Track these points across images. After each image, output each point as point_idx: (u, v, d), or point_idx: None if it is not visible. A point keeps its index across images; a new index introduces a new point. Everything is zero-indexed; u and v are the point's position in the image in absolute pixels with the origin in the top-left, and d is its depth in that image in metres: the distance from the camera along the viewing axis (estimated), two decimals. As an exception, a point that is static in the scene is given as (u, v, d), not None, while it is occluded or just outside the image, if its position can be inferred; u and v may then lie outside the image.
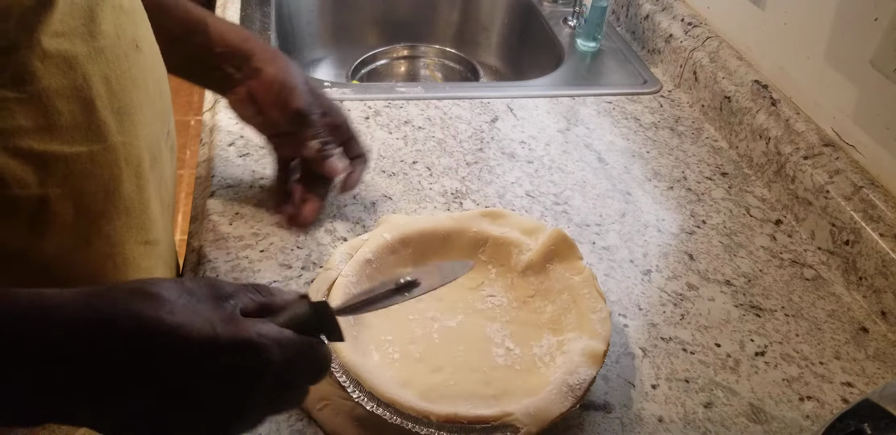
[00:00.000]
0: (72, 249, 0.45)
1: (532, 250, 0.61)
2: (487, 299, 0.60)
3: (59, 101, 0.40)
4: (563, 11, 1.17)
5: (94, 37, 0.42)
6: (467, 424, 0.48)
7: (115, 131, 0.44)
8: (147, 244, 0.51)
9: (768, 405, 0.56)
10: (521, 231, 0.63)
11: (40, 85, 0.39)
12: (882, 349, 0.62)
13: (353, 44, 1.27)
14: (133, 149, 0.46)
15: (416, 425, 0.47)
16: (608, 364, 0.58)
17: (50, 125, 0.40)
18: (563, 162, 0.81)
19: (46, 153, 0.40)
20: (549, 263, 0.60)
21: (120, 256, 0.49)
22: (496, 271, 0.62)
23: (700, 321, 0.63)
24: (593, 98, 0.94)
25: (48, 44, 0.39)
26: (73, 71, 0.40)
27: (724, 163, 0.84)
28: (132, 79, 0.46)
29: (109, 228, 0.47)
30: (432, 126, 0.85)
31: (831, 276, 0.70)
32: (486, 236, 0.62)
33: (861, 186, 0.69)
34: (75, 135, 0.42)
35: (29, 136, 0.39)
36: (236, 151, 0.77)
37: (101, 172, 0.44)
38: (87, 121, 0.42)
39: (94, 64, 0.42)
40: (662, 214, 0.75)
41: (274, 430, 0.51)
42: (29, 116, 0.39)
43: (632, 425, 0.53)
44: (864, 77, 0.70)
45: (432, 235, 0.62)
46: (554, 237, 0.61)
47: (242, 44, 0.63)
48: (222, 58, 0.63)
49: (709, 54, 0.92)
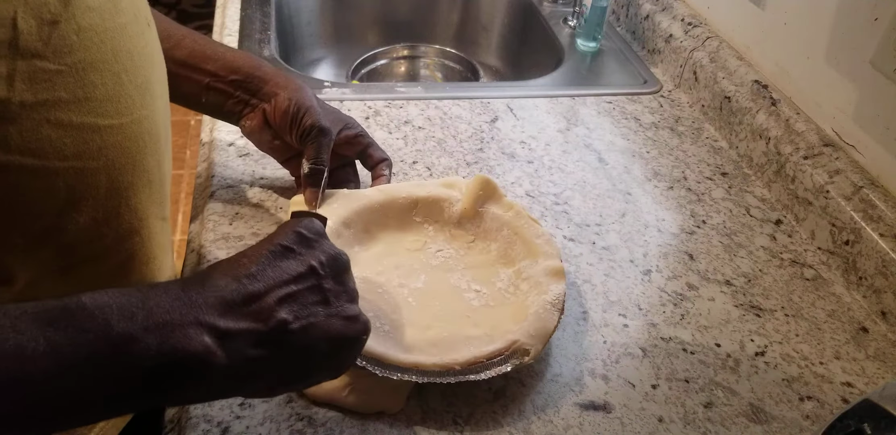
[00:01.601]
0: (103, 222, 0.46)
1: (461, 200, 0.66)
2: (437, 255, 0.64)
3: (94, 73, 0.41)
4: (563, 11, 1.17)
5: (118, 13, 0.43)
6: (487, 361, 0.52)
7: (139, 105, 0.46)
8: (163, 220, 0.53)
9: (768, 405, 0.56)
10: (443, 186, 0.67)
11: (77, 57, 0.40)
12: (882, 349, 0.62)
13: (353, 44, 1.27)
14: (153, 123, 0.48)
15: (446, 377, 0.51)
16: (608, 364, 0.58)
17: (87, 97, 0.41)
18: (563, 162, 0.81)
19: (84, 125, 0.42)
20: (480, 207, 0.65)
21: (145, 229, 0.50)
22: (433, 228, 0.66)
23: (700, 321, 0.63)
24: (593, 98, 0.94)
25: (81, 18, 0.40)
26: (103, 45, 0.42)
27: (724, 163, 0.84)
28: (149, 55, 0.47)
29: (136, 200, 0.48)
30: (432, 126, 0.85)
31: (831, 276, 0.70)
32: (415, 199, 0.66)
33: (861, 186, 0.69)
34: (108, 107, 0.43)
35: (68, 108, 0.41)
36: (236, 151, 0.77)
37: (130, 145, 0.45)
38: (118, 94, 0.43)
39: (120, 39, 0.43)
40: (662, 214, 0.75)
41: (274, 430, 0.51)
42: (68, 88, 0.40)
43: (632, 425, 0.53)
44: (864, 77, 0.70)
45: (368, 211, 0.65)
46: (480, 183, 0.65)
47: (255, 71, 0.65)
48: (236, 85, 0.65)
49: (709, 54, 0.92)
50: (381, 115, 0.86)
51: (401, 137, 0.82)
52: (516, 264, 0.62)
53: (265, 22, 1.05)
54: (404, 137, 0.82)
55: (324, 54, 1.27)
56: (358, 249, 0.63)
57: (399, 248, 0.64)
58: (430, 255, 0.64)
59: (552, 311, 0.56)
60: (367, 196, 0.65)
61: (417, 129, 0.84)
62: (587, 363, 0.58)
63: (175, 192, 2.13)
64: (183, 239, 1.98)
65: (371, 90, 0.93)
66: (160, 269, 0.54)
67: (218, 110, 0.66)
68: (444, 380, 0.51)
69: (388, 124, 0.84)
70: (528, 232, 0.63)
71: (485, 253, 0.65)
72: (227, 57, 0.65)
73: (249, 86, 0.65)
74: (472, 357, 0.52)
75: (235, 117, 0.66)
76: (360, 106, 0.87)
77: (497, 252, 0.64)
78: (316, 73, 1.25)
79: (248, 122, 0.66)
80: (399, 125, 0.84)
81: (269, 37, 1.01)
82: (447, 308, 0.59)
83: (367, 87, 0.96)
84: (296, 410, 0.52)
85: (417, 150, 0.80)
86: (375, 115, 0.86)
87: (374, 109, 0.87)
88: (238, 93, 0.65)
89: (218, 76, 0.64)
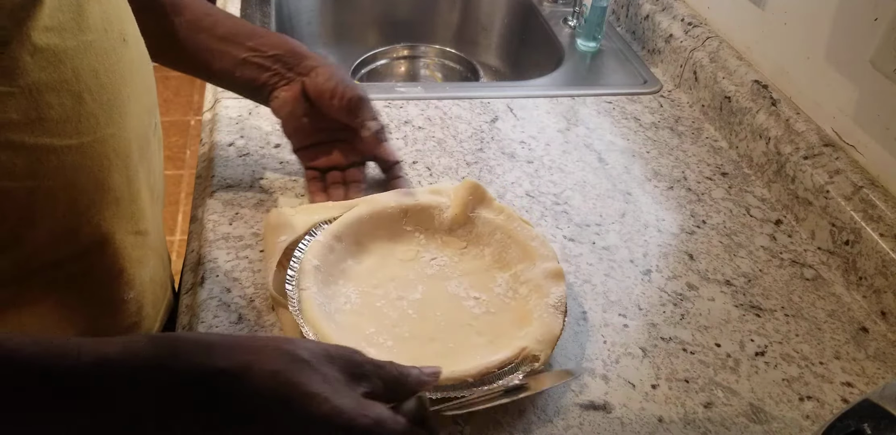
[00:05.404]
0: (62, 239, 0.46)
1: (451, 206, 0.65)
2: (432, 263, 0.63)
3: (49, 94, 0.40)
4: (563, 11, 1.17)
5: (83, 31, 0.42)
6: (498, 371, 0.52)
7: (103, 124, 0.45)
8: (138, 234, 0.52)
9: (768, 405, 0.56)
10: (430, 193, 0.67)
11: (30, 79, 0.39)
12: (882, 349, 0.62)
13: (353, 44, 1.27)
14: (122, 141, 0.47)
15: (461, 391, 0.50)
16: (608, 364, 0.58)
17: (41, 118, 0.40)
18: (563, 162, 0.81)
19: (38, 146, 0.41)
20: (470, 212, 0.65)
21: (110, 245, 0.49)
22: (424, 236, 0.66)
23: (700, 321, 0.63)
24: (593, 98, 0.94)
25: (38, 38, 0.39)
26: (62, 65, 0.41)
27: (724, 163, 0.84)
28: (120, 72, 0.46)
29: (99, 218, 0.47)
30: (432, 126, 0.85)
31: (831, 276, 0.70)
32: (405, 208, 0.65)
33: (861, 186, 0.69)
34: (66, 128, 0.42)
35: (20, 129, 0.40)
36: (236, 151, 0.77)
37: (91, 164, 0.45)
38: (77, 114, 0.42)
39: (83, 58, 0.42)
40: (662, 214, 0.75)
41: (274, 430, 0.51)
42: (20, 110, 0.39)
43: (632, 425, 0.53)
44: (864, 77, 0.70)
45: (358, 222, 0.63)
46: (469, 188, 0.65)
47: (297, 48, 0.67)
48: (275, 59, 0.66)
49: (709, 54, 0.92)
50: (381, 116, 0.86)
51: (401, 137, 0.82)
52: (512, 268, 0.62)
53: (265, 22, 1.05)
54: (404, 137, 0.82)
55: (324, 54, 1.27)
56: (351, 263, 0.62)
57: (392, 259, 0.63)
58: (425, 264, 0.63)
59: (556, 314, 0.56)
60: (355, 207, 0.64)
61: (417, 129, 0.84)
62: (587, 363, 0.58)
63: (175, 193, 2.13)
64: (183, 239, 1.98)
65: (371, 90, 0.92)
66: (130, 282, 0.53)
67: (249, 85, 0.67)
68: (458, 393, 0.50)
69: (387, 124, 0.84)
70: (521, 235, 0.63)
71: (479, 258, 0.64)
72: (268, 35, 0.67)
73: (289, 60, 0.66)
74: (483, 368, 0.52)
75: (268, 91, 0.67)
76: (360, 106, 0.87)
77: (491, 257, 0.64)
78: (316, 73, 1.24)
79: (282, 93, 0.66)
80: (399, 125, 0.84)
81: (269, 37, 1.01)
82: (449, 318, 0.58)
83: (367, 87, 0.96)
84: None
85: (417, 151, 0.80)
86: (375, 115, 0.86)
87: (374, 109, 0.87)
88: (276, 66, 0.66)
89: (258, 51, 0.65)
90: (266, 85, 0.67)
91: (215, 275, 0.62)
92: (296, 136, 0.70)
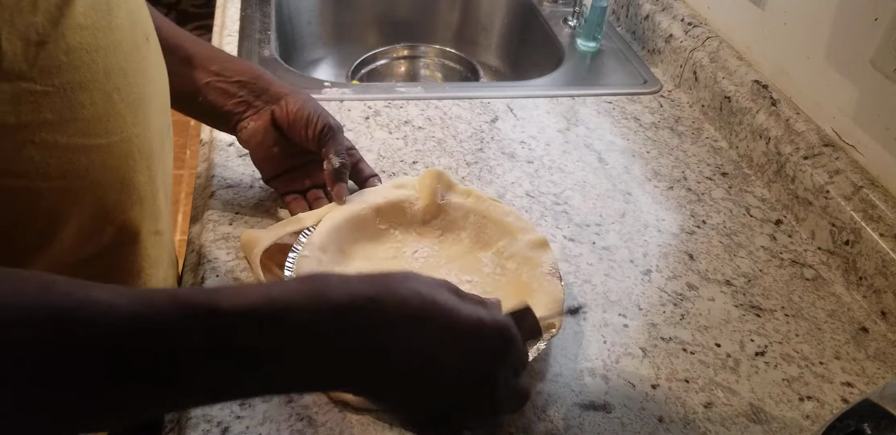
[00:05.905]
0: (87, 239, 0.46)
1: (419, 197, 0.66)
2: (416, 257, 0.64)
3: (83, 94, 0.41)
4: (563, 11, 1.17)
5: (112, 30, 0.42)
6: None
7: (130, 123, 0.45)
8: (157, 234, 0.52)
9: (768, 405, 0.56)
10: (394, 187, 0.67)
11: (65, 78, 0.39)
12: (882, 349, 0.62)
13: (353, 44, 1.27)
14: (145, 140, 0.47)
15: None
16: (608, 364, 0.58)
17: (74, 118, 0.41)
18: (563, 162, 0.81)
19: (70, 146, 0.41)
20: (440, 200, 0.66)
21: (134, 245, 0.50)
22: (399, 232, 0.66)
23: (700, 321, 0.63)
24: (593, 98, 0.94)
25: (72, 37, 0.39)
26: (94, 64, 0.41)
27: (724, 163, 0.84)
28: (143, 71, 0.46)
29: (125, 217, 0.47)
30: (432, 126, 0.85)
31: (831, 276, 0.70)
32: (375, 207, 0.65)
33: (861, 186, 0.69)
34: (96, 127, 0.42)
35: (54, 129, 0.40)
36: (236, 151, 0.77)
37: (119, 164, 0.45)
38: (107, 113, 0.43)
39: (113, 57, 0.42)
40: (662, 214, 0.75)
41: (274, 430, 0.51)
42: (55, 110, 0.39)
43: (632, 425, 0.53)
44: (864, 77, 0.70)
45: (337, 230, 0.63)
46: (434, 176, 0.66)
47: (262, 74, 0.66)
48: (240, 85, 0.64)
49: (709, 54, 0.92)
50: (381, 115, 0.86)
51: (401, 137, 0.82)
52: (494, 246, 0.63)
53: (265, 22, 1.05)
54: (404, 137, 0.82)
55: (324, 54, 1.27)
56: (339, 271, 0.61)
57: (376, 260, 0.63)
58: (409, 258, 0.63)
59: (553, 280, 0.58)
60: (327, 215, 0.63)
61: (417, 129, 0.84)
62: (587, 363, 0.58)
63: (175, 192, 2.13)
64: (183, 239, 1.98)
65: (371, 90, 0.93)
66: (147, 283, 0.53)
67: (213, 111, 0.65)
68: None
69: (388, 124, 0.84)
70: (495, 213, 0.64)
71: (457, 243, 0.65)
72: (232, 60, 0.65)
73: (255, 87, 0.64)
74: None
75: (234, 119, 0.65)
76: (360, 106, 0.87)
77: (469, 239, 0.65)
78: (316, 73, 1.25)
79: (251, 123, 0.64)
80: (399, 125, 0.84)
81: (269, 37, 1.01)
82: None
83: (367, 88, 0.96)
84: (296, 410, 0.52)
85: (417, 151, 0.80)
86: (375, 115, 0.86)
87: (374, 109, 0.87)
88: (242, 93, 0.64)
89: (222, 76, 0.63)
90: (232, 113, 0.65)
91: (215, 275, 0.62)
92: (266, 166, 0.68)
